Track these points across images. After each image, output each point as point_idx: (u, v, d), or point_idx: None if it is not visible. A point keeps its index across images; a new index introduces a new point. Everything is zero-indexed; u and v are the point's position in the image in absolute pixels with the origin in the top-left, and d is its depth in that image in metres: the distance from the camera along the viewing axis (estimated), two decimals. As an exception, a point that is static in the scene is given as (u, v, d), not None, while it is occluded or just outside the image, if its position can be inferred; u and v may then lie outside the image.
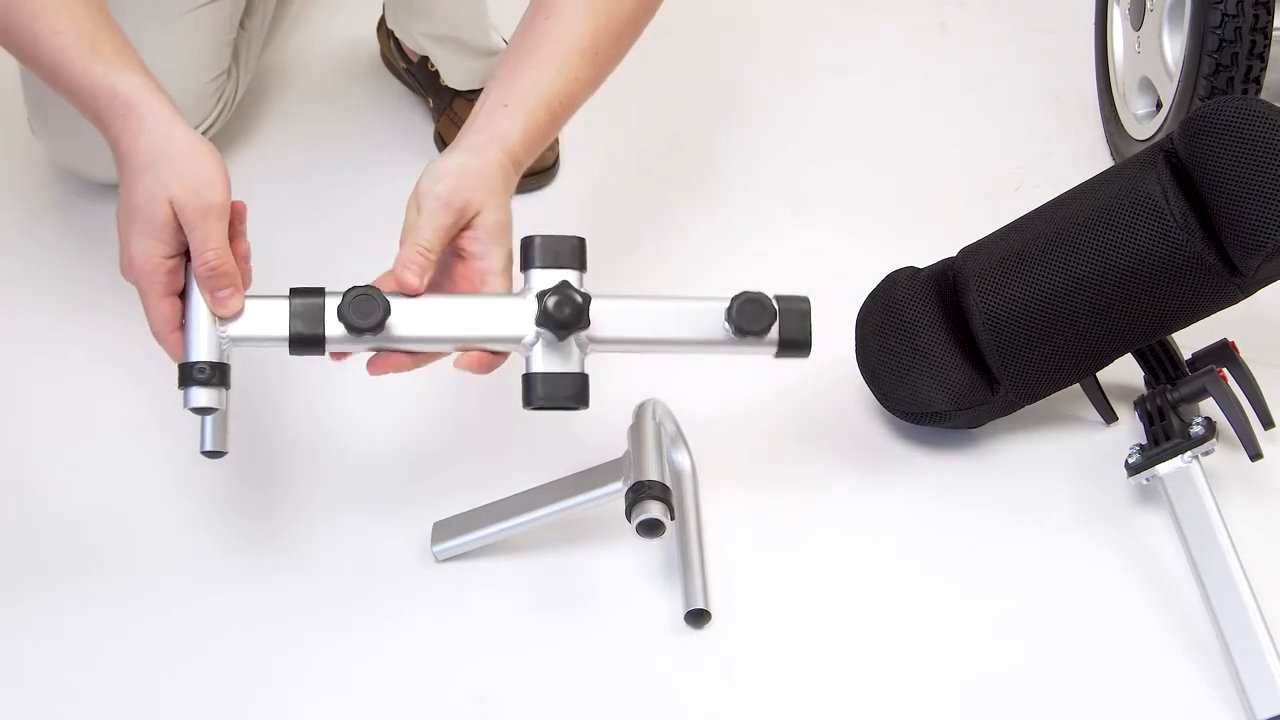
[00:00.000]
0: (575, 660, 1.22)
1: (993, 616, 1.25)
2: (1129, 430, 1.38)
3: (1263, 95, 1.48)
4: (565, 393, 1.15)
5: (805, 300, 1.19)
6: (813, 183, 1.68)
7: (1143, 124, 1.64)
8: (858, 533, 1.31)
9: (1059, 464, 1.36)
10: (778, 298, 1.18)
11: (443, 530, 1.28)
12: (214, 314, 1.12)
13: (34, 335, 1.50)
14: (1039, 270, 1.31)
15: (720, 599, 1.25)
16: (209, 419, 1.14)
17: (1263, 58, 1.46)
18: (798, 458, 1.37)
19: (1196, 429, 1.26)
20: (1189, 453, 1.26)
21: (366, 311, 1.11)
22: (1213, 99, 1.32)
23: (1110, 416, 1.38)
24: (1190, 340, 1.35)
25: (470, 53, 1.64)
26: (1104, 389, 1.37)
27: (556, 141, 1.67)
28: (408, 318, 1.14)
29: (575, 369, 1.15)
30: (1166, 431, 1.29)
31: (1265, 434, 1.32)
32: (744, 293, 1.17)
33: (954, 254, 1.39)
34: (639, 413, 1.29)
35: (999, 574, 1.28)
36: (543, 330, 1.14)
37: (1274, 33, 1.46)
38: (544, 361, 1.15)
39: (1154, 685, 1.19)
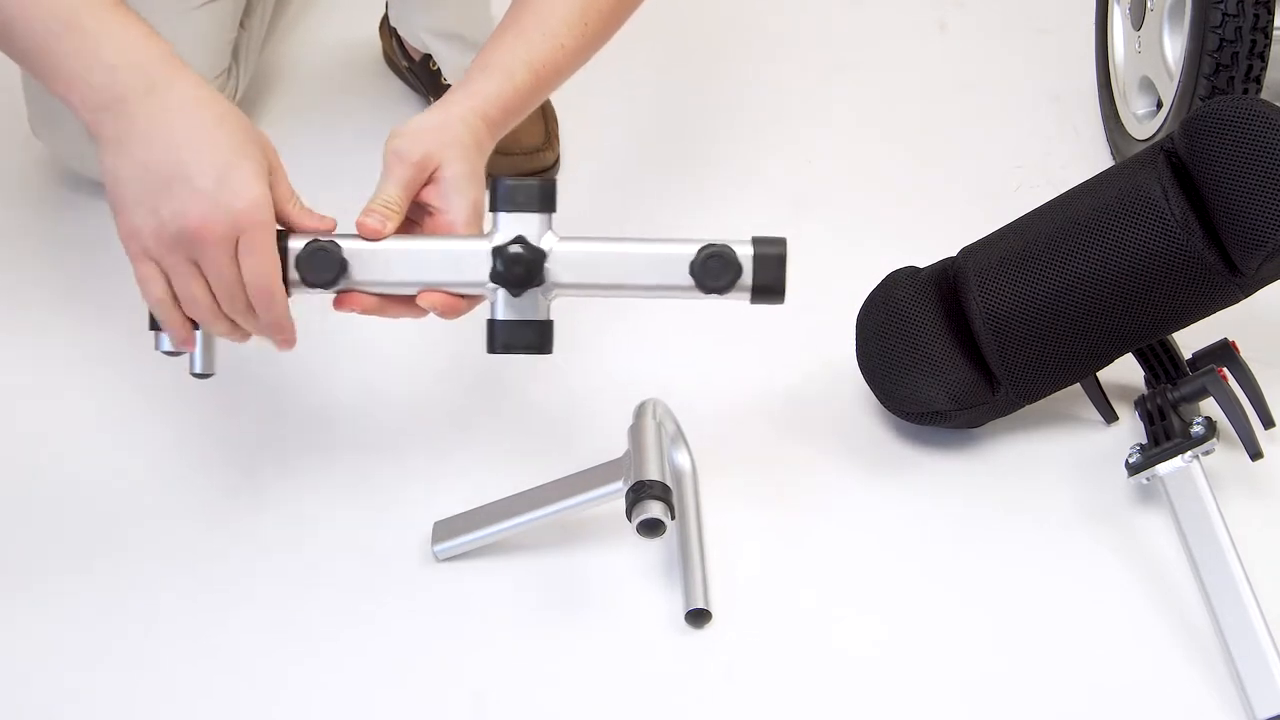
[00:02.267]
0: (574, 660, 1.22)
1: (993, 616, 1.25)
2: (1129, 430, 1.38)
3: (1263, 95, 1.48)
4: (527, 340, 1.15)
5: (781, 242, 1.16)
6: (812, 182, 1.68)
7: (1143, 123, 1.64)
8: (857, 532, 1.31)
9: (1059, 464, 1.36)
10: (754, 240, 1.15)
11: (443, 530, 1.28)
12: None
13: (35, 335, 1.50)
14: (1039, 270, 1.31)
15: (721, 598, 1.25)
16: (198, 340, 1.15)
17: (1263, 57, 1.46)
18: (798, 457, 1.37)
19: (1197, 429, 1.26)
20: (1189, 452, 1.26)
21: (323, 267, 1.12)
22: (1213, 99, 1.32)
23: (1110, 416, 1.38)
24: (1190, 340, 1.35)
25: (473, 49, 1.64)
26: (1104, 389, 1.36)
27: (556, 141, 1.67)
28: (368, 265, 1.14)
29: (538, 316, 1.15)
30: (1167, 431, 1.29)
31: (1266, 433, 1.32)
32: (708, 245, 1.15)
33: (954, 254, 1.39)
34: (639, 412, 1.29)
35: (999, 574, 1.28)
36: (500, 285, 1.14)
37: (1274, 32, 1.46)
38: (507, 308, 1.15)
39: (1154, 685, 1.19)
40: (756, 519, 1.32)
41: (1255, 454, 1.28)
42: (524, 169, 1.64)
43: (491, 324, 1.16)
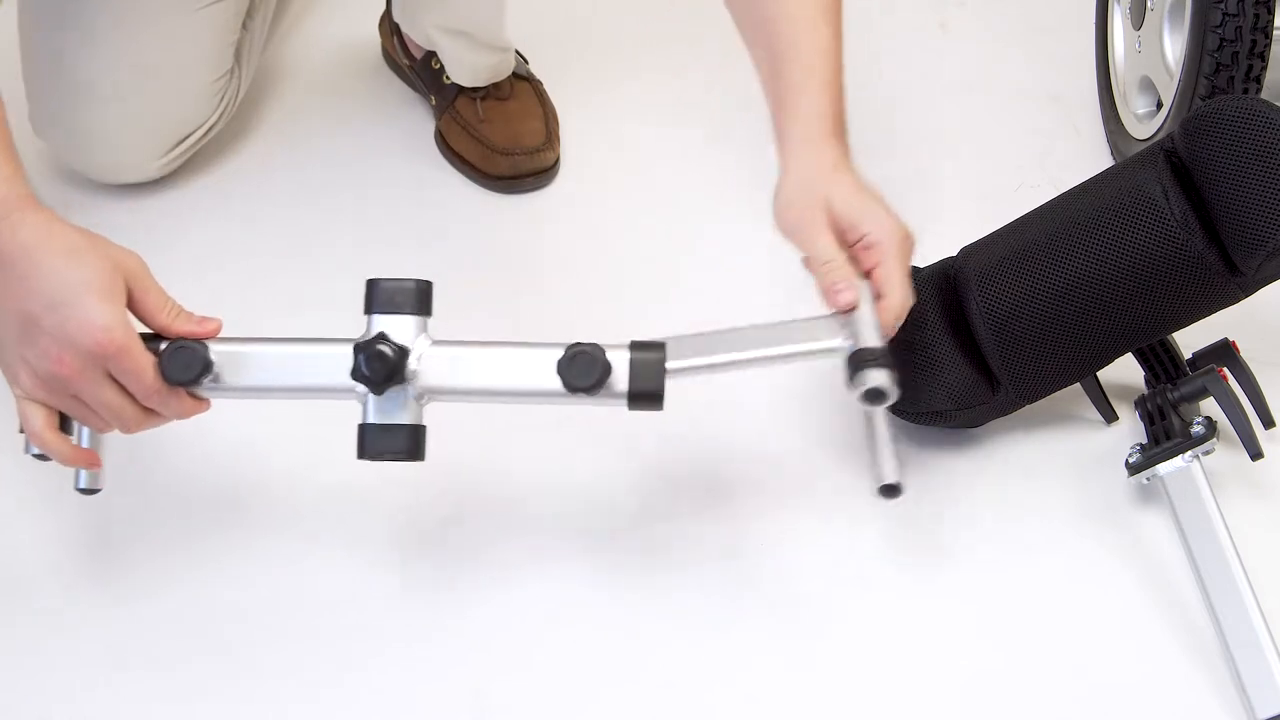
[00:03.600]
0: (570, 662, 1.22)
1: (992, 616, 1.25)
2: (1129, 430, 1.38)
3: (1263, 95, 1.48)
4: (397, 446, 1.12)
5: (659, 347, 1.14)
6: (813, 182, 1.67)
7: (1143, 123, 1.64)
8: (857, 532, 1.31)
9: (1059, 464, 1.36)
10: (631, 344, 1.13)
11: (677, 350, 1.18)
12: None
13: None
14: (1039, 270, 1.31)
15: (718, 599, 1.25)
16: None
17: (1263, 57, 1.46)
18: (796, 457, 1.37)
19: (1197, 428, 1.26)
20: (1189, 452, 1.26)
21: (185, 366, 1.10)
22: (1213, 98, 1.32)
23: (1110, 416, 1.38)
24: (1190, 340, 1.35)
25: (480, 48, 1.64)
26: (1104, 388, 1.37)
27: (557, 141, 1.67)
28: (235, 366, 1.12)
29: (410, 420, 1.13)
30: (1167, 431, 1.29)
31: (1266, 433, 1.32)
32: (576, 344, 1.12)
33: (954, 254, 1.39)
34: None
35: (999, 573, 1.28)
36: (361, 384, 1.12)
37: (1275, 32, 1.46)
38: (376, 412, 1.12)
39: (1154, 685, 1.19)
40: (755, 518, 1.32)
41: (1255, 454, 1.28)
42: (525, 169, 1.64)
43: (361, 429, 1.13)
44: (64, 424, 1.12)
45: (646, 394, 1.13)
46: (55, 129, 1.59)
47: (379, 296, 1.13)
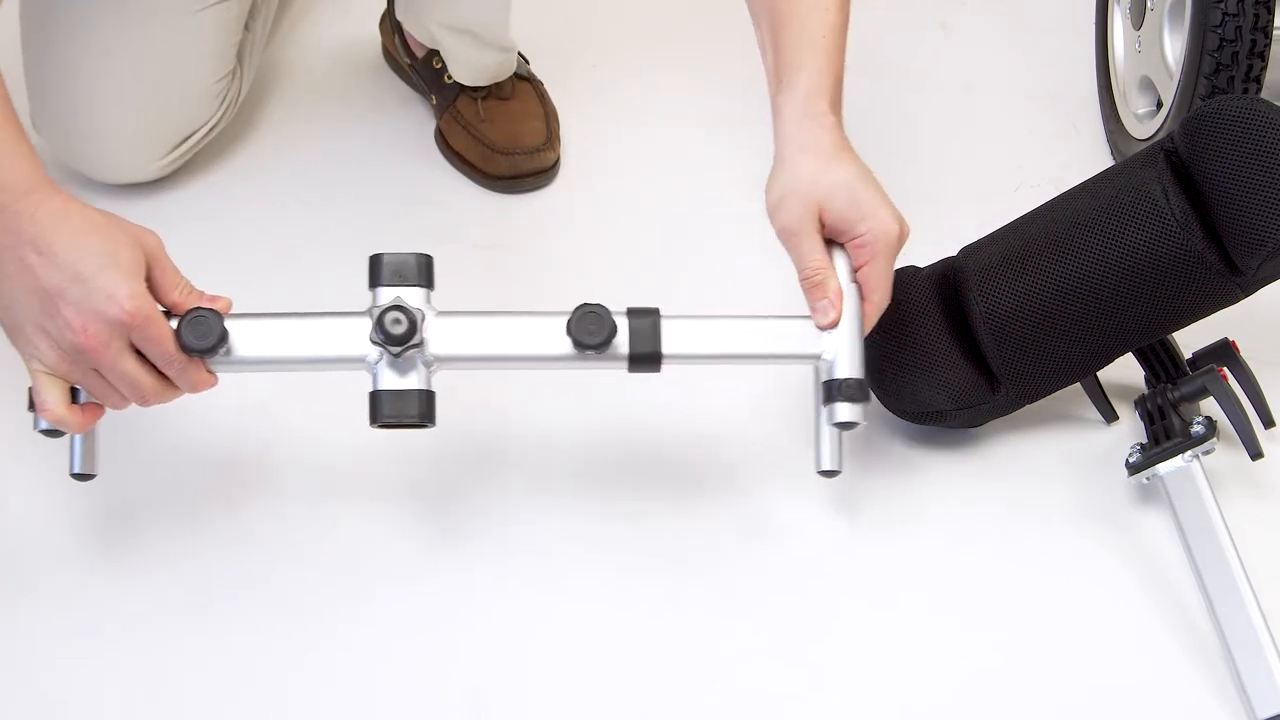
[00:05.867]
0: (570, 662, 1.22)
1: (992, 616, 1.25)
2: (1129, 429, 1.38)
3: (1263, 95, 1.48)
4: (410, 410, 1.15)
5: (655, 311, 1.18)
6: (813, 182, 1.67)
7: (1143, 123, 1.64)
8: (856, 532, 1.31)
9: (1059, 464, 1.36)
10: (629, 310, 1.18)
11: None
12: None
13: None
14: (1040, 270, 1.31)
15: (715, 598, 1.25)
16: (77, 442, 1.17)
17: (1263, 57, 1.46)
18: (796, 457, 1.37)
19: (1197, 428, 1.26)
20: (1189, 452, 1.26)
21: (202, 333, 1.12)
22: (1213, 98, 1.32)
23: (1111, 416, 1.38)
24: (1190, 339, 1.35)
25: (485, 47, 1.64)
26: (1104, 388, 1.37)
27: (558, 141, 1.67)
28: (251, 338, 1.15)
29: (421, 386, 1.16)
30: (1167, 430, 1.29)
31: (1266, 433, 1.32)
32: (583, 305, 1.16)
33: (954, 254, 1.39)
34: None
35: (998, 573, 1.28)
36: (380, 348, 1.14)
37: (1274, 32, 1.46)
38: (389, 379, 1.15)
39: (1154, 685, 1.19)
40: (754, 518, 1.32)
41: (1255, 454, 1.28)
42: (525, 169, 1.64)
43: (374, 395, 1.16)
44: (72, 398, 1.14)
45: (646, 356, 1.17)
46: (56, 128, 1.59)
47: (384, 269, 1.17)
